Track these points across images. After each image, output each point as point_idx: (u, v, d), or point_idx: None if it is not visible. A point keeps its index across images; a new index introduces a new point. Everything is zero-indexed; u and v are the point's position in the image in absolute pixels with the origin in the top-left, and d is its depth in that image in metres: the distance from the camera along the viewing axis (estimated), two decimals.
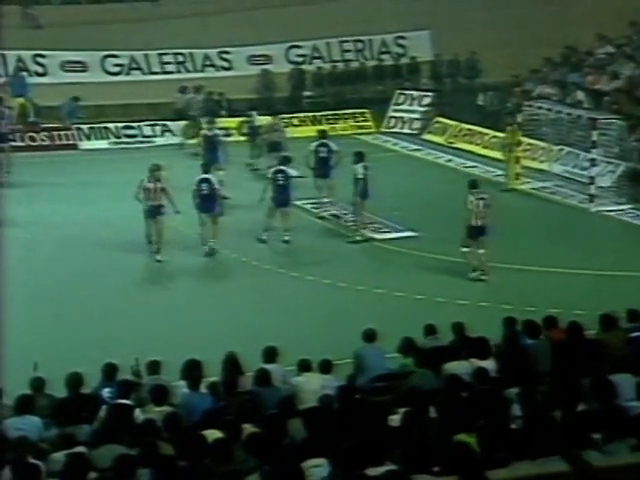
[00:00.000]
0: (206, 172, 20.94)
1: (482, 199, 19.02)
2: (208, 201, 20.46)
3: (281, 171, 21.34)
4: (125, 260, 20.21)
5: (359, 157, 21.42)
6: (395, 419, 9.41)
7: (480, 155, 29.11)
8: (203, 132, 25.94)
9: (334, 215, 23.08)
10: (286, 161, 21.85)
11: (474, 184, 19.55)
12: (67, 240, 21.64)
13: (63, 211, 23.89)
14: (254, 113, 28.98)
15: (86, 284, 18.86)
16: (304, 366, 11.84)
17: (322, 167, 23.07)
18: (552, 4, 34.69)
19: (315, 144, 23.36)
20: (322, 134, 24.03)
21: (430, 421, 9.29)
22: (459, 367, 11.46)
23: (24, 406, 10.48)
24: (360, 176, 21.05)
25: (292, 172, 21.46)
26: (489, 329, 12.82)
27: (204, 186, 20.51)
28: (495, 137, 28.74)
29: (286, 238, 21.16)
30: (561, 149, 26.53)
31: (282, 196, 21.16)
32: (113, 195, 24.77)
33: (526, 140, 26.67)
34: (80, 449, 9.20)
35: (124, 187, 25.60)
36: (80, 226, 22.55)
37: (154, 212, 20.16)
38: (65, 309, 17.66)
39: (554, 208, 24.23)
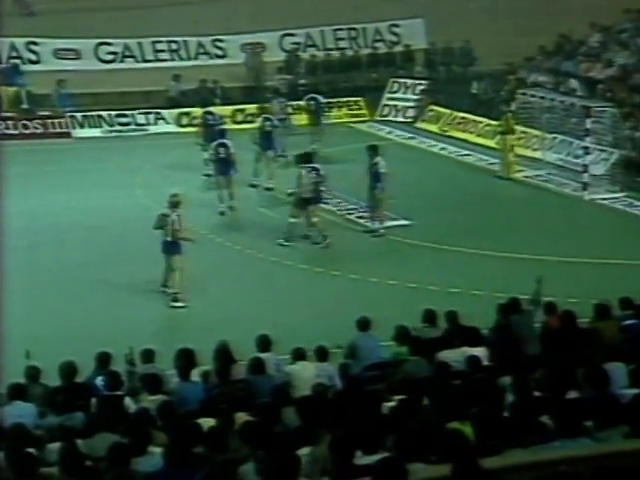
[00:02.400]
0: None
1: (314, 172, 20.13)
2: (225, 164, 21.95)
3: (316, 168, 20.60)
4: (120, 248, 20.20)
5: (375, 150, 21.26)
6: (389, 406, 9.43)
7: (474, 143, 29.12)
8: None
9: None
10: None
11: (307, 158, 20.62)
12: (62, 228, 21.61)
13: (57, 199, 23.85)
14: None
15: (82, 272, 18.84)
16: (299, 354, 11.85)
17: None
18: None
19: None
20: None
21: (424, 409, 9.32)
22: (452, 355, 11.50)
23: (15, 394, 10.49)
24: (383, 170, 20.85)
25: None
26: (482, 317, 12.86)
27: (221, 150, 22.10)
28: (489, 125, 28.75)
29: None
30: (555, 137, 26.54)
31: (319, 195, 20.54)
32: (107, 183, 24.79)
33: (520, 128, 26.68)
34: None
35: (118, 175, 25.67)
36: (74, 214, 22.53)
37: (165, 249, 17.77)
38: (61, 297, 17.66)
39: (547, 196, 24.26)
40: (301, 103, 28.55)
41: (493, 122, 27.81)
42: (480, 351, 11.58)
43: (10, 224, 19.88)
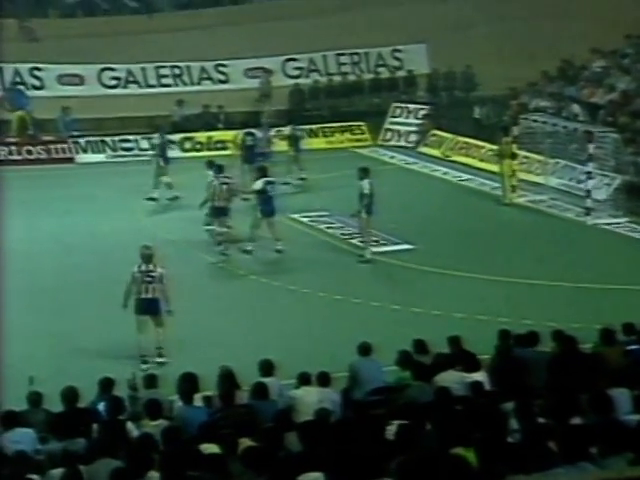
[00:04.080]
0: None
1: (225, 183, 21.14)
2: (251, 153, 23.99)
3: (269, 182, 21.51)
4: (120, 272, 20.14)
5: (364, 173, 21.24)
6: (392, 431, 9.39)
7: (476, 168, 29.14)
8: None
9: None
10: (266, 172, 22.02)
11: (219, 169, 21.56)
12: (64, 253, 21.62)
13: (59, 224, 23.88)
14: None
15: (81, 296, 18.83)
16: (304, 379, 11.82)
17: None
18: (548, 18, 34.76)
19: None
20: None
21: (427, 434, 9.28)
22: (448, 377, 11.48)
23: (10, 421, 10.45)
24: (366, 192, 20.92)
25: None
26: (486, 342, 12.83)
27: (249, 139, 24.83)
28: (491, 150, 28.78)
29: (279, 247, 21.22)
30: (557, 162, 26.56)
31: (270, 207, 21.28)
32: (110, 208, 24.84)
33: (522, 153, 26.71)
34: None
35: (121, 200, 25.72)
36: (77, 239, 22.54)
37: (149, 308, 16.09)
38: (59, 321, 17.63)
39: (550, 221, 24.25)
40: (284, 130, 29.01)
41: (495, 147, 27.85)
42: (479, 375, 11.56)
43: (13, 248, 19.96)
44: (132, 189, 26.05)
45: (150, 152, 27.31)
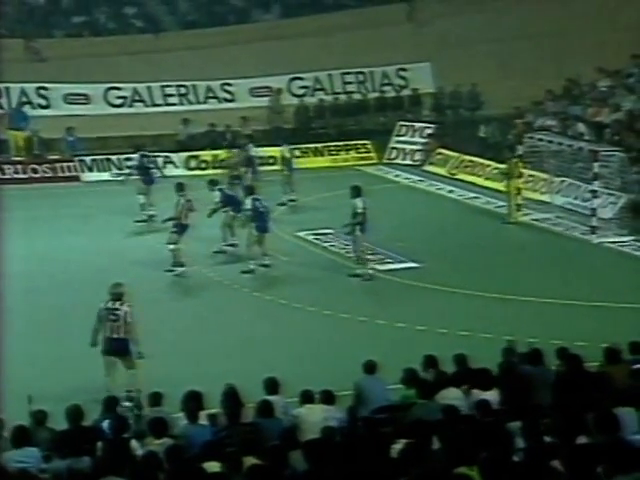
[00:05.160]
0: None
1: (188, 201, 21.65)
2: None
3: (258, 199, 21.71)
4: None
5: (356, 191, 21.25)
6: (397, 450, 9.35)
7: (482, 186, 29.17)
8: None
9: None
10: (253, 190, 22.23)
11: (180, 187, 21.95)
12: (68, 271, 21.62)
13: (64, 242, 23.92)
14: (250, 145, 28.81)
15: (86, 315, 18.77)
16: (306, 397, 11.78)
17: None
18: (553, 37, 34.83)
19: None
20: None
21: (432, 453, 9.24)
22: (449, 394, 11.44)
23: (21, 438, 10.44)
24: (359, 210, 20.95)
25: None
26: (491, 360, 12.78)
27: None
28: (497, 168, 28.78)
29: (266, 262, 21.46)
30: (562, 181, 26.56)
31: (263, 223, 21.46)
32: (114, 226, 24.87)
33: (527, 172, 26.71)
34: None
35: (125, 218, 25.75)
36: (81, 257, 22.56)
37: (117, 349, 15.02)
38: (64, 341, 17.60)
39: (556, 240, 24.22)
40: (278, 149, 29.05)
41: (501, 165, 27.87)
42: (491, 394, 11.51)
43: (17, 267, 19.96)
44: (137, 207, 26.08)
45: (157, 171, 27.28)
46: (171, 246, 21.49)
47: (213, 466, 9.14)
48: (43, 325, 18.40)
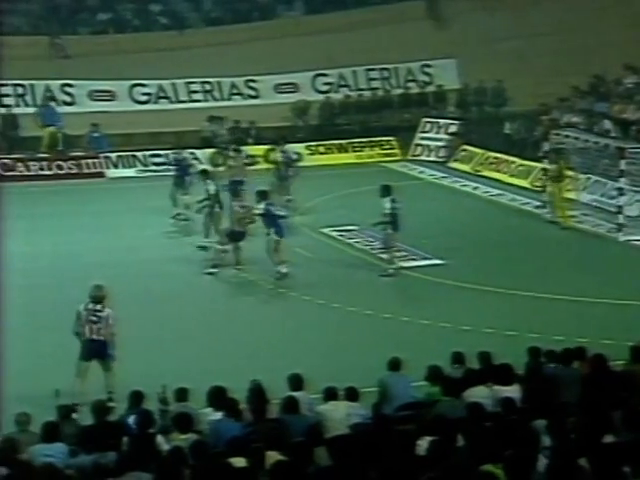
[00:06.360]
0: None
1: (244, 207, 21.19)
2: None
3: (272, 203, 21.13)
4: (145, 287, 20.22)
5: (386, 191, 21.08)
6: (422, 447, 9.33)
7: (507, 183, 29.06)
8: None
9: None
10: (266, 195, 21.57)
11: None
12: (85, 268, 21.57)
13: (86, 238, 23.95)
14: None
15: None
16: (330, 394, 11.78)
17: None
18: (579, 33, 34.67)
19: None
20: None
21: (457, 450, 9.21)
22: (478, 393, 11.40)
23: (52, 433, 10.50)
24: (387, 211, 20.86)
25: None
26: (516, 358, 12.73)
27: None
28: (522, 165, 28.63)
29: (284, 271, 20.58)
30: (588, 178, 26.40)
31: (280, 227, 20.75)
32: (136, 223, 24.92)
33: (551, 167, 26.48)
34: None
35: (147, 215, 25.83)
36: (100, 254, 22.52)
37: (97, 351, 14.94)
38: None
39: (582, 237, 24.10)
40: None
41: (526, 162, 27.71)
42: (512, 389, 11.47)
43: (35, 263, 20.02)
44: (161, 203, 26.13)
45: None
46: (219, 246, 21.17)
47: (238, 461, 9.14)
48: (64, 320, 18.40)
